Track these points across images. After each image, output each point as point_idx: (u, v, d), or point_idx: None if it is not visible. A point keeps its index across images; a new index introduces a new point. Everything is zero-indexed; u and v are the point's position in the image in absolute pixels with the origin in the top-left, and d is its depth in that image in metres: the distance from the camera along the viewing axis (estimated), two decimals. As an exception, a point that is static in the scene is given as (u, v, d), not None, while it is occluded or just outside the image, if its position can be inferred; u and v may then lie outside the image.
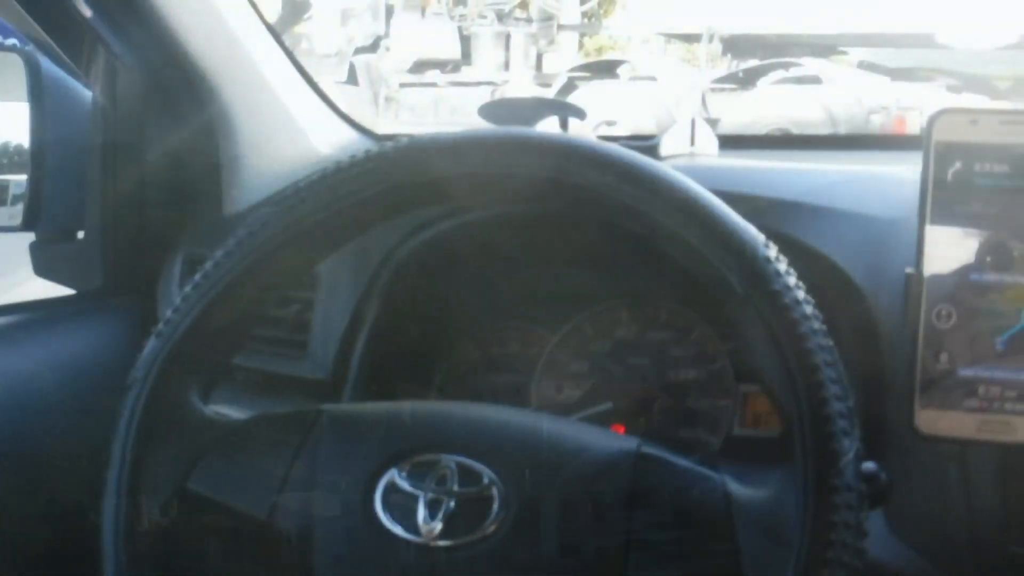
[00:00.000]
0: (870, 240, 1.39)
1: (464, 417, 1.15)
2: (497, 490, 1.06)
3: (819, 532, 0.98)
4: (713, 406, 1.53)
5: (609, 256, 1.46)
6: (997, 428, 1.10)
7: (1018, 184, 1.10)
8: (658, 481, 1.06)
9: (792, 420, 1.01)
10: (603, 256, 1.48)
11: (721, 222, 1.06)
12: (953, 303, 1.11)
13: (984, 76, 12.95)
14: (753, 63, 12.77)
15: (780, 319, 1.02)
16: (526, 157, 1.11)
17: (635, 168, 1.08)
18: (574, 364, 1.58)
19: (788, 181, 1.51)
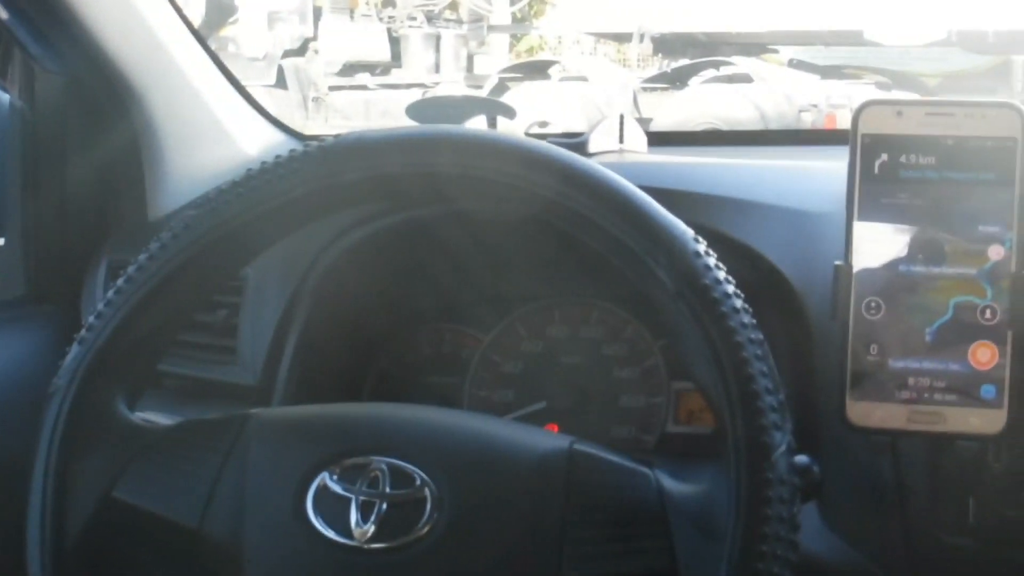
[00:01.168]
0: (800, 234, 1.39)
1: (395, 419, 1.14)
2: (430, 491, 1.05)
3: (752, 526, 0.98)
4: (646, 404, 1.53)
5: (540, 255, 1.46)
6: (927, 419, 1.11)
7: (944, 175, 1.11)
8: (591, 479, 1.05)
9: (723, 415, 1.01)
10: (534, 255, 1.47)
11: (650, 218, 1.06)
12: (882, 295, 1.11)
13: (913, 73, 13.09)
14: (684, 62, 12.83)
15: (710, 314, 1.02)
16: (452, 156, 1.10)
17: (563, 165, 1.08)
18: (507, 364, 1.58)
19: (717, 177, 1.51)
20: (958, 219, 1.11)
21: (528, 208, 1.10)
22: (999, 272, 1.10)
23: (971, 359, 1.10)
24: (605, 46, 15.72)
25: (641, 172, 1.50)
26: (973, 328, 1.10)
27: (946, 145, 1.11)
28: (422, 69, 12.92)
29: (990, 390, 1.10)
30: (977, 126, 1.11)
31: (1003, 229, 1.10)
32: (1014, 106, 1.11)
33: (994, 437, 1.11)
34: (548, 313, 1.58)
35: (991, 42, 12.22)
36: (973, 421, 1.10)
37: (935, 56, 13.18)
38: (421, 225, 1.48)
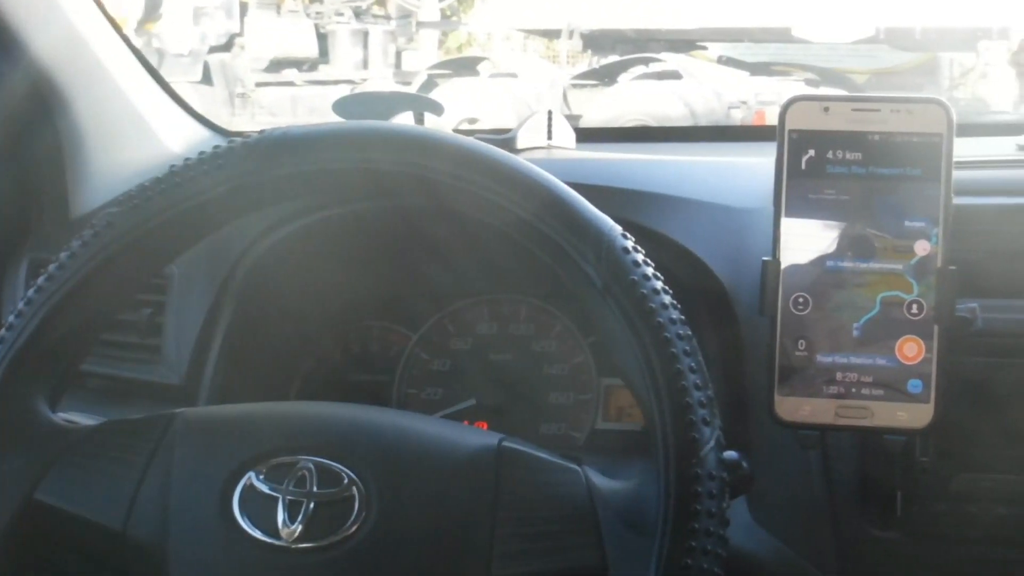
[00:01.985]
0: (728, 230, 1.40)
1: (322, 417, 1.12)
2: (358, 490, 1.04)
3: (681, 521, 0.98)
4: (576, 401, 1.53)
5: (469, 251, 1.45)
6: (855, 413, 1.11)
7: (870, 171, 1.11)
8: (520, 476, 1.05)
9: (652, 411, 1.01)
10: (463, 251, 1.46)
11: (578, 214, 1.05)
12: (810, 291, 1.12)
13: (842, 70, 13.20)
14: (614, 59, 12.84)
15: (638, 310, 1.02)
16: (379, 151, 1.09)
17: (490, 161, 1.07)
18: (436, 362, 1.57)
19: (646, 173, 1.51)
20: (885, 214, 1.11)
21: (455, 204, 1.09)
22: (925, 267, 1.10)
23: (898, 354, 1.11)
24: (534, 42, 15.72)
25: (569, 168, 1.50)
26: (900, 323, 1.11)
27: (873, 141, 1.12)
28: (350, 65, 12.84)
29: (917, 384, 1.10)
30: (903, 122, 1.11)
31: (929, 224, 1.10)
32: (940, 102, 1.12)
33: (921, 431, 1.12)
34: (477, 310, 1.58)
35: (918, 39, 12.34)
36: (900, 415, 1.11)
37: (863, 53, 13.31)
38: (349, 221, 1.47)
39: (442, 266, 1.52)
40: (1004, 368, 1.28)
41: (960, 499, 1.28)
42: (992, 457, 1.28)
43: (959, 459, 1.28)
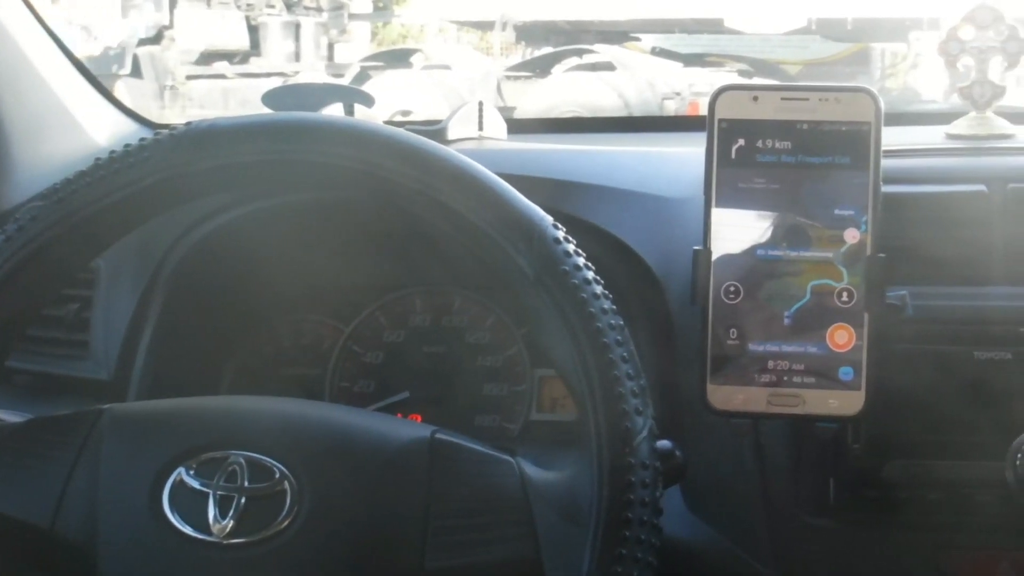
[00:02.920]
0: (659, 220, 1.40)
1: (253, 412, 1.11)
2: (289, 485, 1.03)
3: (614, 511, 0.98)
4: (510, 392, 1.52)
5: (401, 243, 1.45)
6: (788, 401, 1.12)
7: (800, 159, 1.12)
8: (453, 468, 1.04)
9: (585, 401, 1.01)
10: (395, 243, 1.46)
11: (508, 204, 1.05)
12: (741, 280, 1.12)
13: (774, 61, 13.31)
14: (547, 50, 12.87)
15: (569, 300, 1.02)
16: (307, 143, 1.08)
17: (420, 152, 1.07)
18: (369, 354, 1.56)
19: (577, 163, 1.51)
20: (814, 203, 1.12)
21: (386, 196, 1.09)
22: (855, 255, 1.11)
23: (829, 342, 1.11)
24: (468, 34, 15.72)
25: (500, 159, 1.49)
26: (830, 311, 1.11)
27: (802, 130, 1.12)
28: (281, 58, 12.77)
29: (848, 372, 1.11)
30: (832, 111, 1.12)
31: (858, 212, 1.11)
32: (868, 91, 1.12)
33: (853, 418, 1.12)
34: (410, 302, 1.57)
35: (850, 30, 12.47)
36: (832, 403, 1.11)
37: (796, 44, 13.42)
38: (278, 214, 1.46)
39: (374, 258, 1.52)
40: (934, 355, 1.29)
41: (892, 485, 1.29)
42: (923, 443, 1.29)
43: (891, 446, 1.29)
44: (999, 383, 1.28)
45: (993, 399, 1.27)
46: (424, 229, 1.10)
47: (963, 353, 1.29)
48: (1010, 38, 1.44)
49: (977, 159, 1.40)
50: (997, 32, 1.44)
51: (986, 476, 1.26)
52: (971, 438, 1.27)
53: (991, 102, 1.46)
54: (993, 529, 1.29)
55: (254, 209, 1.46)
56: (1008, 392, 1.27)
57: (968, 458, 1.28)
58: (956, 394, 1.28)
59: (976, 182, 1.34)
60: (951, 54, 1.46)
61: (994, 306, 1.30)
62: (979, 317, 1.30)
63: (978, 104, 1.46)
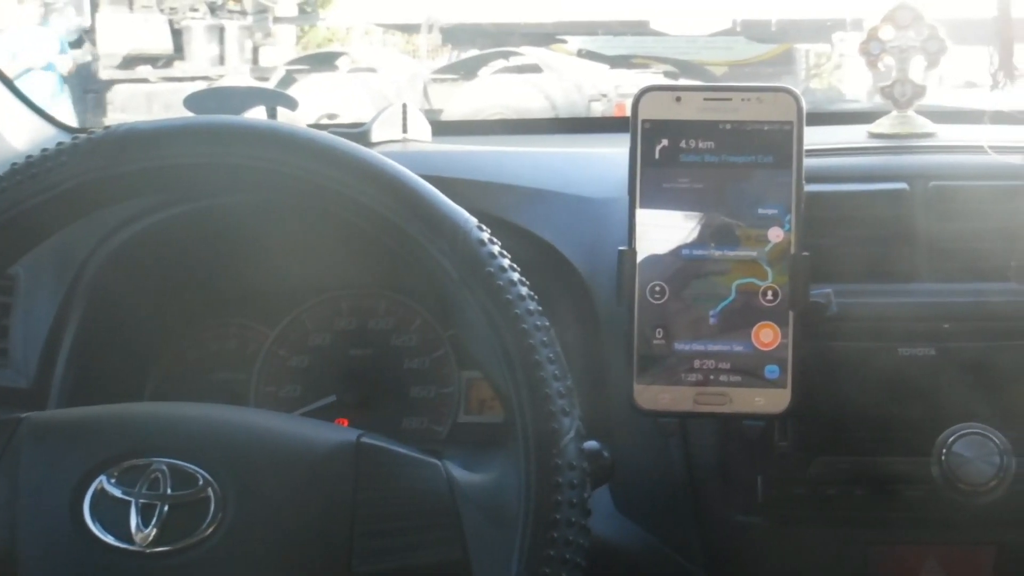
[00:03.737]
0: (585, 220, 1.40)
1: (176, 418, 1.10)
2: (213, 491, 1.02)
3: (542, 512, 0.98)
4: (437, 394, 1.52)
5: (325, 246, 1.43)
6: (714, 400, 1.12)
7: (723, 159, 1.12)
8: (380, 472, 1.04)
9: (511, 402, 1.01)
10: (319, 246, 1.44)
11: (432, 206, 1.05)
12: (666, 279, 1.12)
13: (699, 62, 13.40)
14: (473, 53, 12.88)
15: (494, 301, 1.02)
16: (228, 146, 1.07)
17: (343, 154, 1.06)
18: (294, 358, 1.55)
19: (502, 165, 1.51)
20: (738, 202, 1.12)
21: (308, 199, 1.08)
22: (779, 253, 1.12)
23: (755, 340, 1.12)
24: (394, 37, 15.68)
25: (424, 161, 1.48)
26: (756, 309, 1.12)
27: (724, 129, 1.13)
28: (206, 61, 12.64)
29: (774, 370, 1.12)
30: (754, 110, 1.12)
31: (782, 211, 1.12)
32: (790, 90, 1.13)
33: (779, 416, 1.13)
34: (335, 305, 1.56)
35: (774, 31, 12.57)
36: (758, 401, 1.12)
37: (720, 45, 13.52)
38: (200, 218, 1.44)
39: (298, 262, 1.50)
40: (859, 352, 1.30)
41: (819, 482, 1.30)
42: (850, 440, 1.30)
43: (817, 443, 1.30)
44: (924, 379, 1.29)
45: (918, 395, 1.28)
46: (348, 232, 1.09)
47: (887, 350, 1.30)
48: (930, 38, 1.46)
49: (899, 157, 1.41)
50: (917, 32, 1.46)
51: (912, 471, 1.27)
52: (897, 434, 1.29)
53: (912, 101, 1.47)
54: (920, 524, 1.30)
55: (176, 213, 1.45)
56: (933, 387, 1.29)
57: (894, 454, 1.29)
58: (881, 390, 1.29)
59: (898, 180, 1.35)
60: (872, 54, 1.47)
61: (917, 303, 1.31)
62: (903, 314, 1.31)
63: (899, 103, 1.47)
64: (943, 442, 1.25)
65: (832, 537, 1.33)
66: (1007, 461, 1.24)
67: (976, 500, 1.25)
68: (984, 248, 1.31)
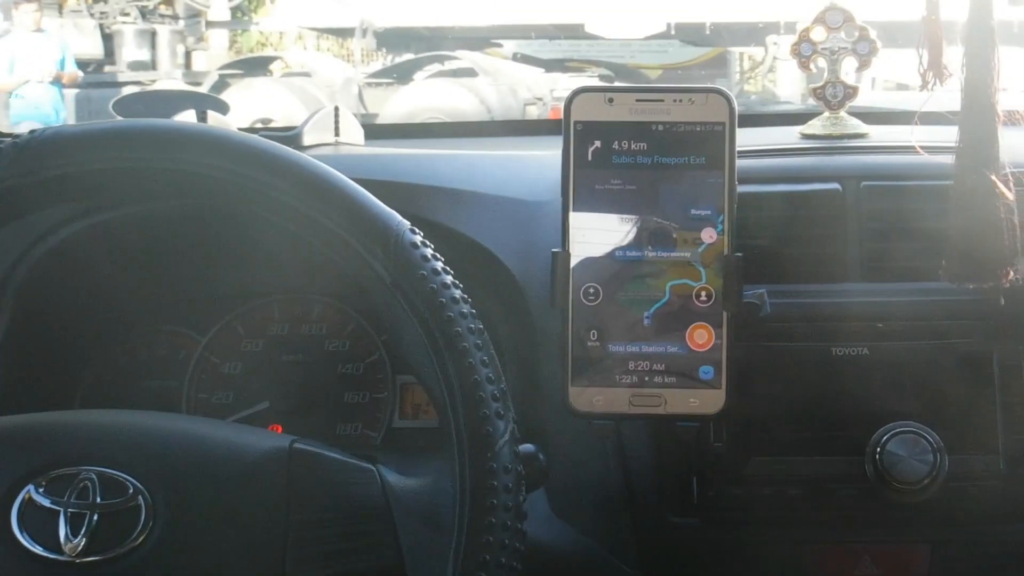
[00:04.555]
0: (519, 223, 1.40)
1: (105, 425, 1.08)
2: (144, 499, 1.01)
3: (477, 516, 0.98)
4: (371, 399, 1.51)
5: (257, 251, 1.42)
6: (649, 402, 1.12)
7: (656, 160, 1.12)
8: (313, 478, 1.03)
9: (445, 406, 1.00)
10: (250, 251, 1.43)
11: (364, 209, 1.04)
12: (600, 281, 1.12)
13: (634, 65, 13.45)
14: (408, 57, 12.86)
15: (428, 305, 1.01)
16: (156, 150, 1.06)
17: (273, 157, 1.05)
18: (226, 365, 1.53)
19: (434, 168, 1.50)
20: (671, 203, 1.12)
21: (239, 202, 1.07)
22: (712, 254, 1.12)
23: (689, 341, 1.12)
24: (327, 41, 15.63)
25: (357, 164, 1.48)
26: (689, 311, 1.12)
27: (657, 131, 1.12)
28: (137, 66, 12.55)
29: (708, 371, 1.12)
30: (686, 112, 1.12)
31: (715, 212, 1.12)
32: (721, 92, 1.13)
33: (713, 417, 1.13)
34: (268, 311, 1.54)
35: (708, 34, 12.65)
36: (693, 402, 1.12)
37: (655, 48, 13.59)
38: (129, 223, 1.42)
39: (229, 267, 1.49)
40: (793, 352, 1.31)
41: (754, 482, 1.30)
42: (784, 440, 1.30)
43: (752, 443, 1.30)
44: (857, 378, 1.30)
45: (852, 394, 1.29)
46: (281, 236, 1.08)
47: (821, 349, 1.31)
48: (861, 39, 1.47)
49: (831, 158, 1.42)
50: (848, 33, 1.47)
51: (846, 471, 1.28)
52: (831, 433, 1.29)
53: (844, 102, 1.48)
54: (854, 523, 1.31)
55: (105, 219, 1.43)
56: (866, 387, 1.29)
57: (829, 453, 1.29)
58: (816, 390, 1.30)
59: (830, 181, 1.36)
60: (804, 56, 1.48)
61: (850, 302, 1.32)
62: (836, 314, 1.31)
63: (831, 104, 1.48)
64: (877, 441, 1.26)
65: (767, 537, 1.34)
66: (940, 459, 1.25)
67: (910, 498, 1.26)
68: (916, 248, 1.32)
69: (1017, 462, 1.29)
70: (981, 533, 1.32)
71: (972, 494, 1.29)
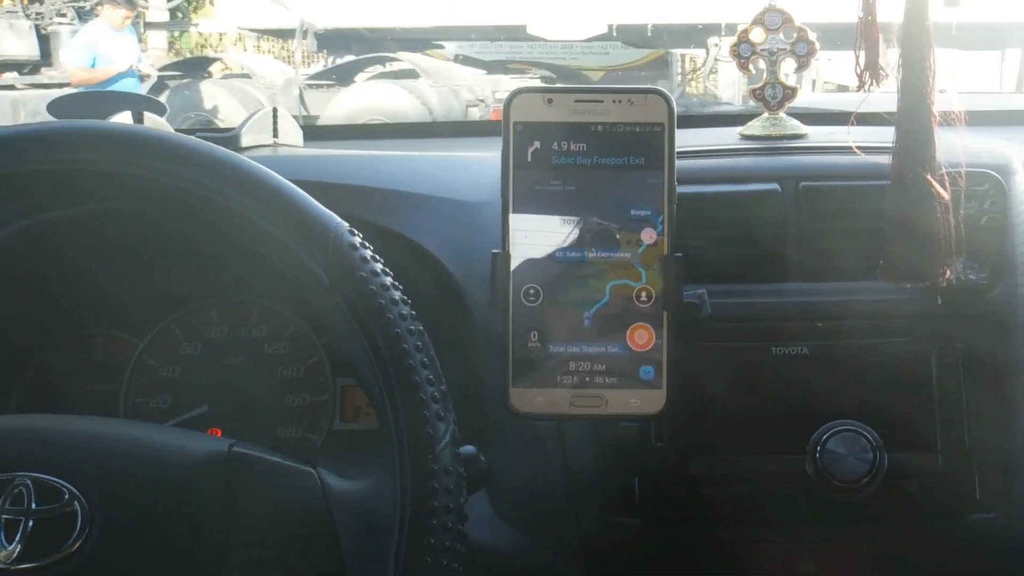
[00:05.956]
0: (459, 224, 1.39)
1: (40, 430, 1.07)
2: (80, 505, 0.99)
3: (418, 518, 0.98)
4: (312, 402, 1.50)
5: (195, 253, 1.41)
6: (590, 402, 1.12)
7: (595, 161, 1.12)
8: (252, 481, 1.02)
9: (385, 408, 1.00)
10: (189, 254, 1.42)
11: (302, 211, 1.04)
12: (540, 282, 1.12)
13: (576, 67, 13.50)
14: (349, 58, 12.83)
15: (367, 307, 1.01)
16: (93, 152, 1.05)
17: (210, 159, 1.05)
18: (164, 368, 1.52)
19: (373, 168, 1.50)
20: (611, 204, 1.12)
21: (176, 204, 1.06)
22: (652, 255, 1.12)
23: (629, 341, 1.12)
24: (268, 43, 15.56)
25: (295, 165, 1.47)
26: (630, 311, 1.12)
27: (596, 132, 1.12)
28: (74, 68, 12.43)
29: (649, 371, 1.11)
30: (626, 112, 1.12)
31: (654, 213, 1.12)
32: (660, 92, 1.13)
33: (654, 417, 1.13)
34: (206, 314, 1.53)
35: (650, 36, 12.70)
36: (634, 402, 1.12)
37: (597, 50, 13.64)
38: (64, 225, 1.40)
39: (167, 269, 1.47)
40: (733, 352, 1.31)
41: (696, 482, 1.30)
42: (726, 439, 1.31)
43: (693, 443, 1.30)
44: (797, 377, 1.30)
45: (792, 393, 1.30)
46: (219, 238, 1.07)
47: (761, 349, 1.31)
48: (799, 40, 1.47)
49: (770, 159, 1.43)
50: (787, 35, 1.47)
51: (787, 469, 1.29)
52: (772, 432, 1.30)
53: (783, 103, 1.49)
54: (795, 522, 1.32)
55: (40, 221, 1.41)
56: (806, 386, 1.30)
57: (770, 452, 1.30)
58: (756, 389, 1.30)
59: (769, 181, 1.36)
60: (743, 57, 1.49)
61: (790, 302, 1.33)
62: (776, 313, 1.32)
63: (770, 105, 1.49)
64: (817, 440, 1.27)
65: (709, 536, 1.34)
66: (880, 457, 1.26)
67: (850, 496, 1.26)
68: (854, 247, 1.33)
69: (955, 459, 1.30)
70: (920, 530, 1.33)
71: (911, 491, 1.30)
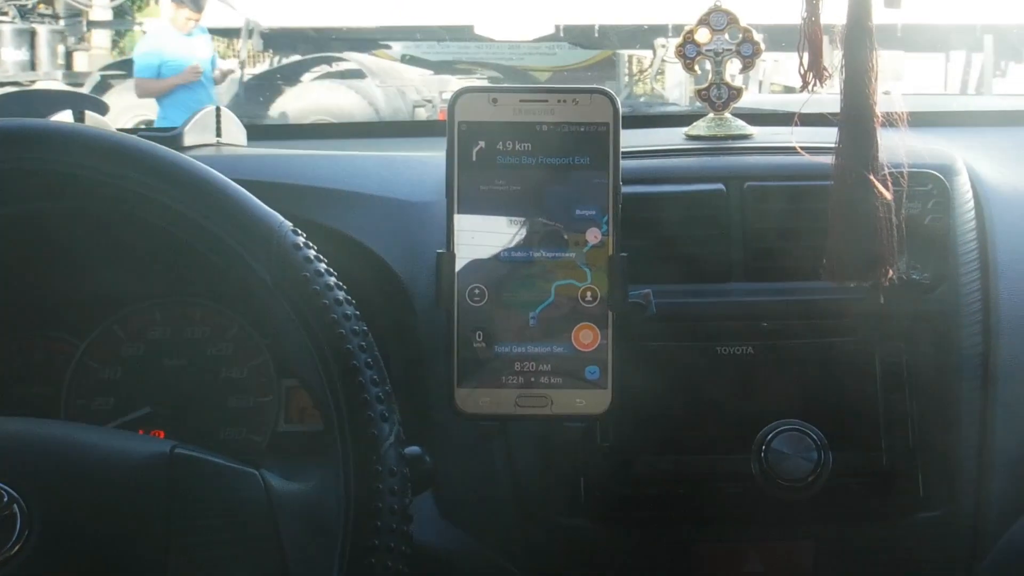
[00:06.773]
0: (404, 223, 1.39)
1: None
2: (19, 508, 0.98)
3: (362, 520, 0.97)
4: (256, 403, 1.48)
5: (136, 253, 1.39)
6: (535, 403, 1.12)
7: (540, 161, 1.12)
8: (194, 483, 1.01)
9: (329, 409, 1.00)
10: (130, 254, 1.40)
11: (245, 210, 1.03)
12: (485, 282, 1.12)
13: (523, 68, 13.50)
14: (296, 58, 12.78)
15: (310, 307, 1.00)
16: (31, 150, 1.04)
17: (151, 158, 1.04)
18: (106, 370, 1.50)
19: (317, 168, 1.49)
20: (556, 204, 1.12)
21: (117, 204, 1.05)
22: (598, 254, 1.12)
23: (575, 341, 1.12)
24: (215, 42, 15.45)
25: (238, 165, 1.46)
26: (575, 311, 1.12)
27: (541, 131, 1.12)
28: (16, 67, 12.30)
29: (594, 371, 1.11)
30: (571, 112, 1.12)
31: (599, 212, 1.12)
32: (605, 92, 1.13)
33: (600, 417, 1.13)
34: (149, 314, 1.51)
35: (597, 37, 12.72)
36: (579, 402, 1.12)
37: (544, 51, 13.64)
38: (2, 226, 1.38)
39: (108, 270, 1.45)
40: (678, 351, 1.32)
41: (642, 482, 1.31)
42: (671, 439, 1.31)
43: (639, 443, 1.31)
44: (742, 377, 1.31)
45: (737, 393, 1.30)
46: (161, 238, 1.06)
47: (706, 349, 1.32)
48: (744, 41, 1.48)
49: (715, 159, 1.43)
50: (732, 35, 1.48)
51: (733, 469, 1.29)
52: (717, 432, 1.30)
53: (728, 104, 1.49)
54: (740, 521, 1.32)
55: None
56: (751, 385, 1.31)
57: (715, 452, 1.30)
58: (701, 389, 1.31)
59: (714, 181, 1.37)
60: (688, 57, 1.49)
61: (735, 302, 1.33)
62: (721, 313, 1.32)
63: (716, 106, 1.50)
64: (762, 439, 1.27)
65: (655, 536, 1.34)
66: (824, 456, 1.26)
67: (795, 495, 1.27)
68: (798, 247, 1.34)
69: (899, 458, 1.31)
70: (864, 529, 1.34)
71: (855, 490, 1.30)
